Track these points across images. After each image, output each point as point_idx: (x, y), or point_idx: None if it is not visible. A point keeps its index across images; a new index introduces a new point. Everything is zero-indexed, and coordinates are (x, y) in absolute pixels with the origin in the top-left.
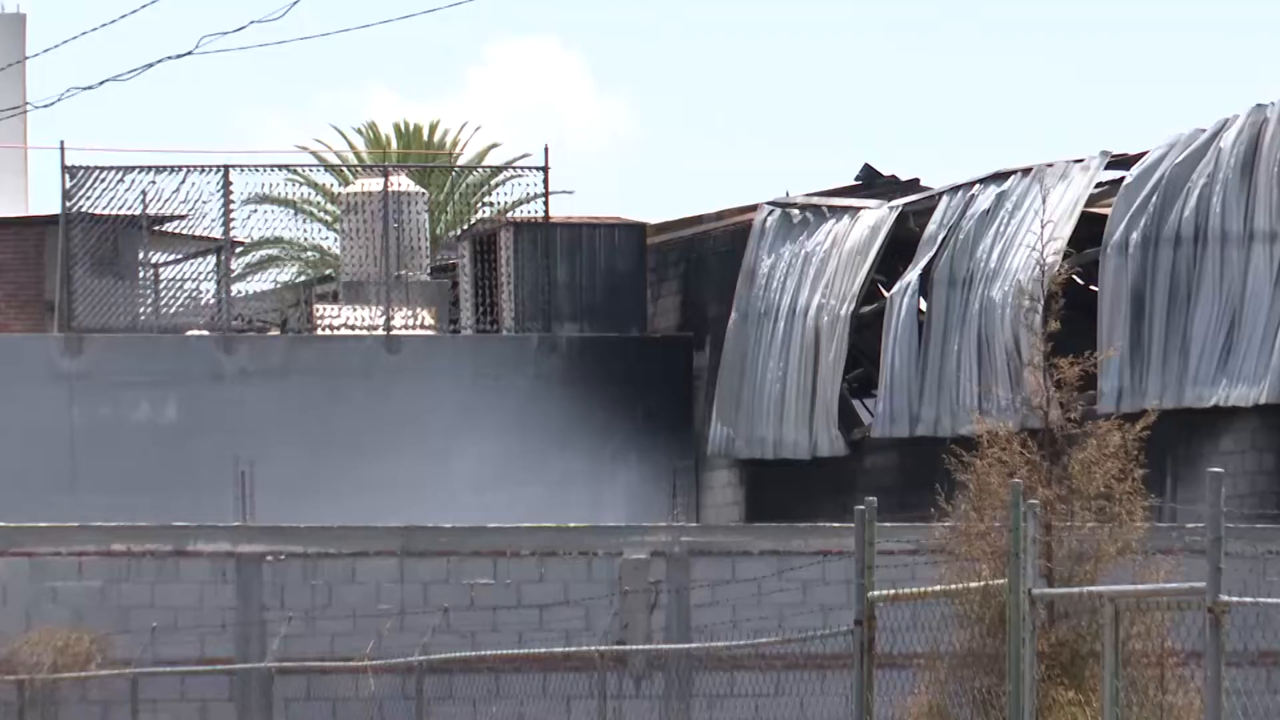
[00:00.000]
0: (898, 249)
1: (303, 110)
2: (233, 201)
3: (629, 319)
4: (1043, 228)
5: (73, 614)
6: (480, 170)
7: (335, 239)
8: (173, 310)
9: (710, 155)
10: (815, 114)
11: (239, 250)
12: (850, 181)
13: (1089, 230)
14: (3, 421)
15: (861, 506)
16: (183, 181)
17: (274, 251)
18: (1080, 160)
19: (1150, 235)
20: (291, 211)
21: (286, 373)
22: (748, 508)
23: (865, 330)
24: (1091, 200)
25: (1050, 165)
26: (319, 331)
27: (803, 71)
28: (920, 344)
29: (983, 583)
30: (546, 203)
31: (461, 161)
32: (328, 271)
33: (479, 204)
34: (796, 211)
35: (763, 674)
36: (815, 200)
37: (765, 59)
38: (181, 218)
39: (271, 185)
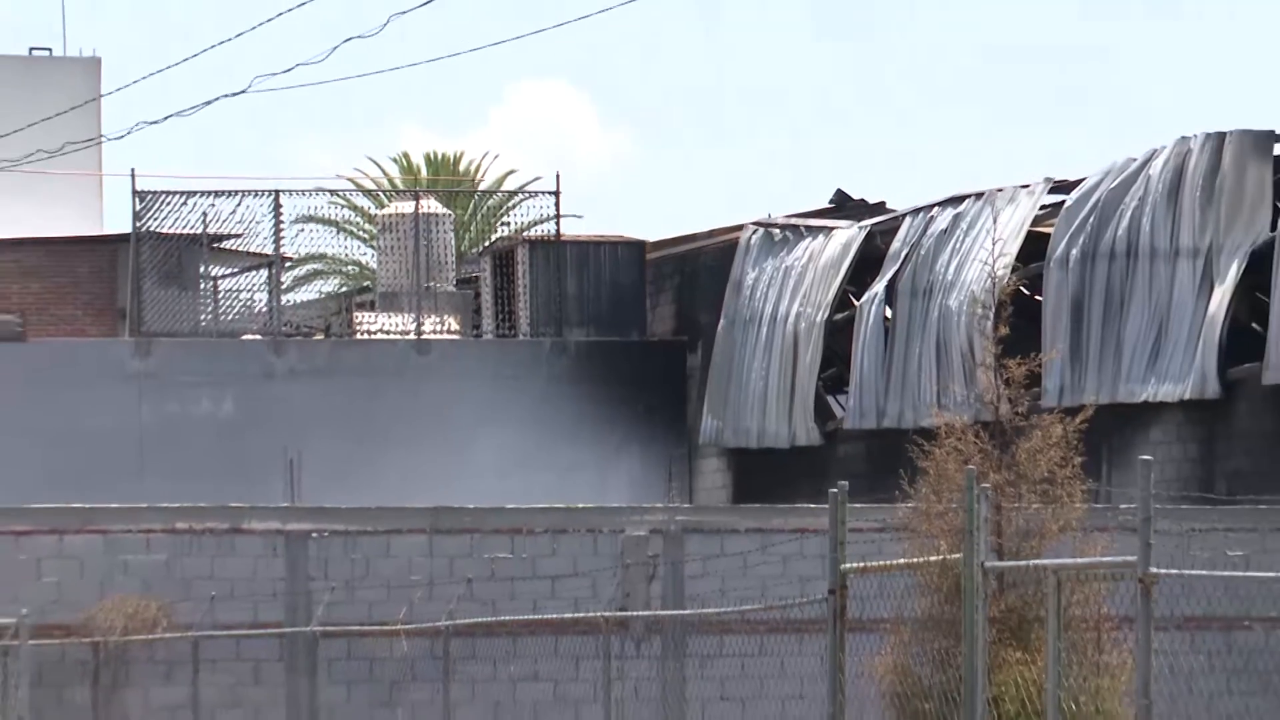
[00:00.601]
0: (866, 263)
1: (344, 142)
2: (282, 222)
3: (630, 325)
4: (993, 245)
5: (141, 584)
6: (499, 194)
7: (372, 255)
8: (230, 317)
9: (702, 180)
10: (794, 144)
11: (288, 265)
12: (825, 204)
13: (1034, 247)
14: (80, 417)
15: (834, 490)
16: (238, 204)
17: (319, 266)
18: (1026, 186)
19: (1088, 251)
20: (334, 231)
21: (330, 373)
22: (734, 491)
23: (838, 335)
24: (1036, 220)
25: (1000, 190)
26: (358, 336)
27: (784, 104)
28: (886, 347)
29: (941, 557)
30: (558, 223)
31: (483, 187)
32: (366, 283)
33: (498, 224)
34: (777, 231)
35: (748, 637)
36: (794, 221)
37: (753, 93)
38: (237, 236)
39: (317, 208)
